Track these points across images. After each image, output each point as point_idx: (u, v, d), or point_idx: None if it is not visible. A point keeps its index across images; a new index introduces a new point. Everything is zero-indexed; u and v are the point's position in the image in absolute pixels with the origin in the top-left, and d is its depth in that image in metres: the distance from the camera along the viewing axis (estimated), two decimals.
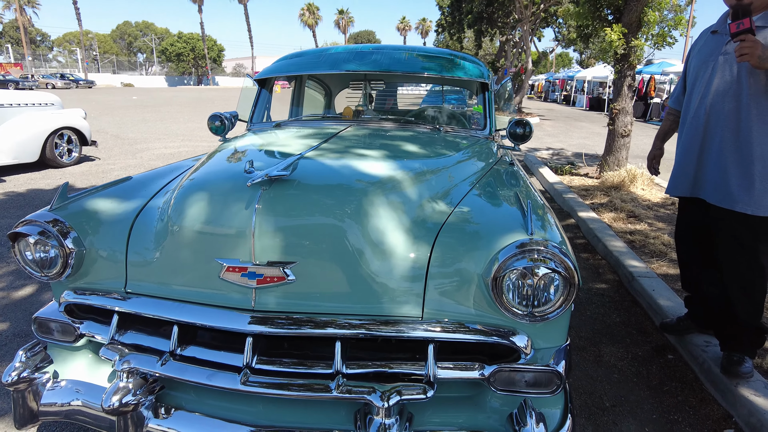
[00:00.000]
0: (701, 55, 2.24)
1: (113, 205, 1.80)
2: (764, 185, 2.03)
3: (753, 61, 1.88)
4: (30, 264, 1.69)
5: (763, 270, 2.12)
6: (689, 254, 2.50)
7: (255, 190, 1.50)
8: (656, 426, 2.08)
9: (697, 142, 2.22)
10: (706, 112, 2.17)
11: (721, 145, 2.12)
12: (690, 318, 2.60)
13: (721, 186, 2.13)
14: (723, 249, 2.21)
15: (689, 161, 2.28)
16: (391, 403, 1.36)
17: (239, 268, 1.47)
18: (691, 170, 2.28)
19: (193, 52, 65.24)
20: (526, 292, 1.42)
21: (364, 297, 1.50)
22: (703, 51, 2.24)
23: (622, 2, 6.37)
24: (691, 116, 2.26)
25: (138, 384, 1.52)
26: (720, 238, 2.21)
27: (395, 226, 1.55)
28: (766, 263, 2.10)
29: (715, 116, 2.14)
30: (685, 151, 2.30)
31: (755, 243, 2.10)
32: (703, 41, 2.28)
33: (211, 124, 3.08)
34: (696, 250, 2.44)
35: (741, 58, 1.91)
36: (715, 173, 2.16)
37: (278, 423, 1.52)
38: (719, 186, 2.14)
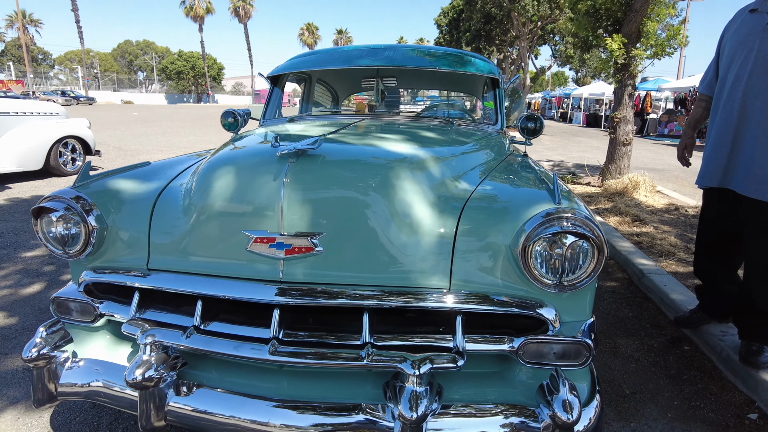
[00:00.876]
0: (738, 35, 2.14)
1: (134, 185, 1.81)
2: None
3: None
4: (51, 241, 1.69)
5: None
6: (707, 246, 2.45)
7: (283, 163, 1.51)
8: (678, 412, 2.06)
9: (731, 126, 2.12)
10: (742, 95, 2.07)
11: (757, 130, 2.02)
12: (702, 309, 2.59)
13: (754, 175, 2.03)
14: (754, 243, 2.12)
15: (721, 148, 2.18)
16: (423, 371, 1.34)
17: (268, 239, 1.47)
18: (723, 158, 2.18)
19: (193, 70, 65.96)
20: (555, 262, 1.42)
21: (391, 268, 1.49)
22: (741, 31, 2.13)
23: (621, 14, 6.50)
24: (725, 99, 2.16)
25: (161, 359, 1.50)
26: (752, 233, 2.12)
27: (421, 200, 1.56)
28: None
29: (753, 99, 2.03)
30: (718, 137, 2.20)
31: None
32: (740, 21, 2.17)
33: (224, 120, 3.10)
34: (715, 244, 2.40)
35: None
36: (749, 161, 2.06)
37: (303, 398, 1.50)
38: (752, 175, 2.04)
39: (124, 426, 1.91)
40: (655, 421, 1.98)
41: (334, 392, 1.53)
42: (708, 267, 2.49)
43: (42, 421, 1.95)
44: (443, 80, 3.18)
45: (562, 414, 1.31)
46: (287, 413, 1.42)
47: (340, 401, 1.48)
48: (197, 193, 1.62)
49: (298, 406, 1.44)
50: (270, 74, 3.22)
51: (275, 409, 1.44)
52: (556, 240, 1.41)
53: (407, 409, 1.29)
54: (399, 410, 1.30)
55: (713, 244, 2.43)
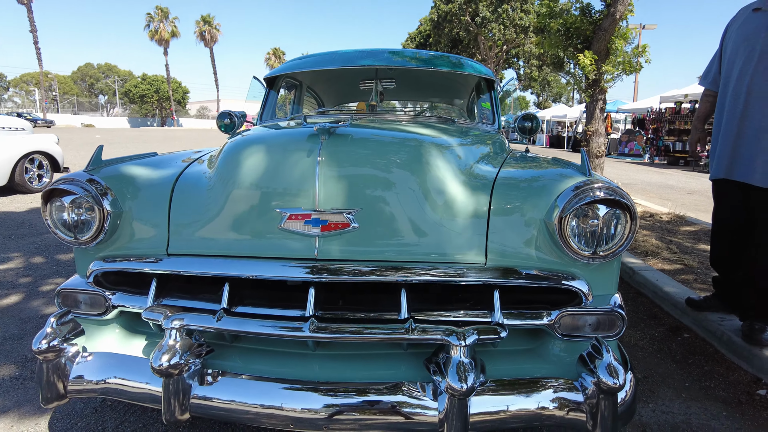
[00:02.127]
0: (742, 32, 2.23)
1: (148, 170, 1.75)
2: None
3: None
4: (60, 227, 1.59)
5: None
6: (723, 237, 2.51)
7: (315, 141, 1.50)
8: (691, 392, 2.10)
9: (735, 120, 2.23)
10: (747, 90, 2.18)
11: (762, 123, 2.13)
12: (716, 298, 2.64)
13: (760, 164, 2.14)
14: (762, 229, 2.20)
15: (727, 141, 2.28)
16: (469, 342, 1.32)
17: (303, 215, 1.44)
18: (728, 151, 2.28)
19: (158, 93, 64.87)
20: (590, 232, 1.45)
21: (427, 244, 1.48)
22: (745, 28, 2.23)
23: (590, 32, 6.85)
24: (730, 94, 2.27)
25: (186, 345, 1.42)
26: (761, 219, 2.21)
27: (452, 178, 1.57)
28: None
29: (757, 94, 2.14)
30: (725, 130, 2.30)
31: None
32: (743, 19, 2.27)
33: (220, 122, 3.05)
34: (730, 234, 2.46)
35: None
36: (754, 151, 2.16)
37: (338, 379, 1.45)
38: (758, 165, 2.14)
39: (132, 429, 1.79)
40: (671, 402, 2.01)
41: (368, 373, 1.49)
42: (723, 258, 2.54)
43: (39, 428, 1.80)
44: (441, 82, 3.24)
45: (607, 379, 1.30)
46: (324, 396, 1.37)
47: (378, 380, 1.43)
48: (224, 173, 1.57)
49: (336, 388, 1.39)
50: (267, 76, 3.20)
51: (310, 392, 1.38)
52: (591, 210, 1.44)
53: (456, 380, 1.26)
54: (447, 383, 1.27)
55: (727, 236, 2.49)
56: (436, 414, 1.33)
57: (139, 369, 1.51)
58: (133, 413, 1.88)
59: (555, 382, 1.42)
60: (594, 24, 6.75)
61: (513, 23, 21.26)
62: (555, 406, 1.38)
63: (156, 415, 1.87)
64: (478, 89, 3.17)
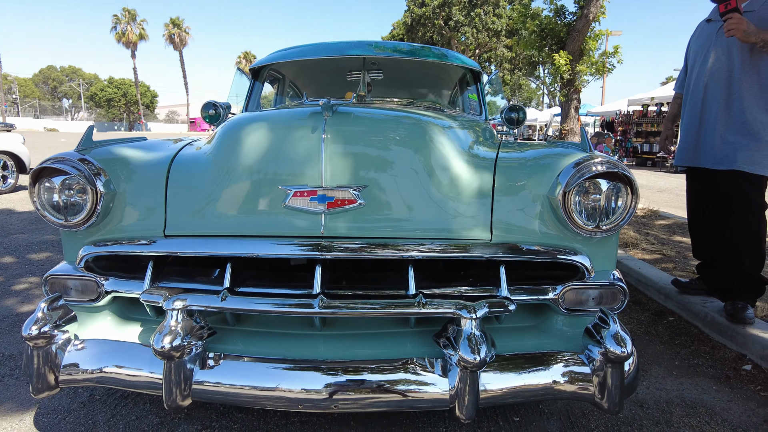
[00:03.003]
0: (699, 40, 2.54)
1: (141, 152, 1.69)
2: (760, 145, 2.26)
3: (739, 34, 2.17)
4: (50, 209, 1.52)
5: (766, 223, 2.32)
6: (698, 224, 2.65)
7: (318, 119, 1.48)
8: (681, 370, 2.15)
9: (696, 113, 2.48)
10: (704, 88, 2.44)
11: (717, 114, 2.37)
12: (703, 281, 2.73)
13: (720, 151, 2.35)
14: (735, 209, 2.36)
15: (690, 132, 2.51)
16: (480, 315, 1.32)
17: (309, 192, 1.42)
18: (691, 142, 2.51)
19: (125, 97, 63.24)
20: (593, 206, 1.47)
21: (433, 221, 1.48)
22: (701, 37, 2.54)
23: (564, 34, 7.03)
24: (691, 92, 2.53)
25: (187, 327, 1.38)
26: (732, 200, 2.36)
27: (456, 156, 1.57)
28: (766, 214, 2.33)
29: (712, 89, 2.40)
30: (687, 123, 2.54)
31: (762, 199, 2.32)
32: (700, 29, 2.58)
33: (204, 113, 2.98)
34: (703, 220, 2.60)
35: (729, 33, 2.21)
36: (714, 141, 2.38)
37: (345, 358, 1.42)
38: (718, 151, 2.36)
39: (125, 422, 1.72)
40: (663, 379, 2.06)
41: (375, 351, 1.47)
42: (702, 244, 2.67)
43: (24, 424, 1.71)
44: (428, 73, 3.26)
45: (615, 348, 1.32)
46: (333, 375, 1.34)
47: (385, 357, 1.41)
48: (224, 152, 1.54)
49: (343, 367, 1.36)
50: (252, 67, 3.16)
51: (318, 372, 1.35)
52: (593, 185, 1.46)
53: (468, 352, 1.26)
54: (460, 355, 1.27)
55: (702, 221, 2.63)
56: (447, 390, 1.32)
57: (137, 355, 1.45)
58: (125, 406, 1.81)
59: (561, 356, 1.43)
60: (568, 25, 6.94)
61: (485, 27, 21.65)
62: (563, 379, 1.39)
63: (150, 407, 1.80)
64: (465, 81, 3.20)
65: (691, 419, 1.77)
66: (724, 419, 1.78)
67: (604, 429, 1.70)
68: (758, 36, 2.16)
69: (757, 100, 2.28)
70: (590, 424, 1.73)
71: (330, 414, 1.75)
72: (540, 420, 1.75)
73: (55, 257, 3.84)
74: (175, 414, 1.75)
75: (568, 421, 1.75)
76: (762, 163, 2.26)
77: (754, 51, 2.26)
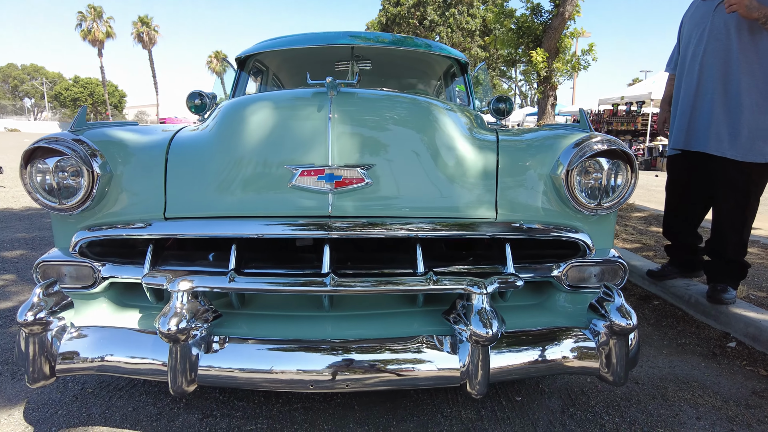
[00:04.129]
0: (694, 18, 2.48)
1: (136, 135, 1.64)
2: (752, 133, 2.25)
3: (741, 10, 2.13)
4: (41, 191, 1.46)
5: (753, 210, 2.37)
6: (675, 205, 2.73)
7: (324, 99, 1.46)
8: (671, 348, 2.22)
9: (691, 96, 2.44)
10: (699, 69, 2.39)
11: (713, 96, 2.33)
12: (672, 264, 2.85)
13: (713, 134, 2.33)
14: (720, 195, 2.40)
15: (684, 115, 2.48)
16: (490, 290, 1.33)
17: (316, 171, 1.40)
18: (684, 124, 2.48)
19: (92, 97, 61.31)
20: (594, 184, 1.50)
21: (440, 200, 1.49)
22: (696, 15, 2.47)
23: (540, 32, 7.16)
24: (686, 74, 2.49)
25: (193, 309, 1.34)
26: (718, 186, 2.40)
27: (460, 136, 1.58)
28: (754, 204, 2.36)
29: (708, 71, 2.35)
30: (682, 106, 2.50)
31: (748, 186, 2.32)
32: (695, 7, 2.52)
33: (190, 102, 2.92)
34: (682, 202, 2.68)
35: (730, 8, 2.17)
36: (707, 123, 2.36)
37: (354, 338, 1.41)
38: (711, 135, 2.34)
39: (122, 414, 1.66)
40: (655, 358, 2.12)
41: (383, 331, 1.47)
42: (675, 226, 2.77)
43: (13, 419, 1.63)
44: (417, 63, 3.27)
45: (620, 320, 1.35)
46: (343, 354, 1.33)
47: (394, 336, 1.41)
48: (227, 132, 1.51)
49: (353, 347, 1.35)
50: (239, 56, 3.11)
51: (328, 352, 1.34)
52: (595, 163, 1.50)
53: (480, 326, 1.27)
54: (471, 330, 1.28)
55: (678, 205, 2.72)
56: (458, 366, 1.33)
57: (139, 342, 1.41)
58: (120, 398, 1.75)
59: (567, 331, 1.46)
60: (544, 24, 7.07)
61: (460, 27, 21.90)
62: (571, 354, 1.41)
63: (146, 398, 1.75)
64: (453, 72, 3.23)
65: (685, 393, 1.83)
66: (716, 392, 1.84)
67: (603, 405, 1.74)
68: (761, 11, 2.10)
69: (755, 81, 2.24)
70: (590, 400, 1.77)
71: (333, 398, 1.74)
72: (541, 399, 1.78)
73: (29, 254, 3.69)
74: (181, 398, 1.71)
75: (569, 398, 1.78)
76: (753, 151, 2.25)
77: (754, 29, 2.20)
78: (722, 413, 1.70)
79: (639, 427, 1.62)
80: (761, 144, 2.26)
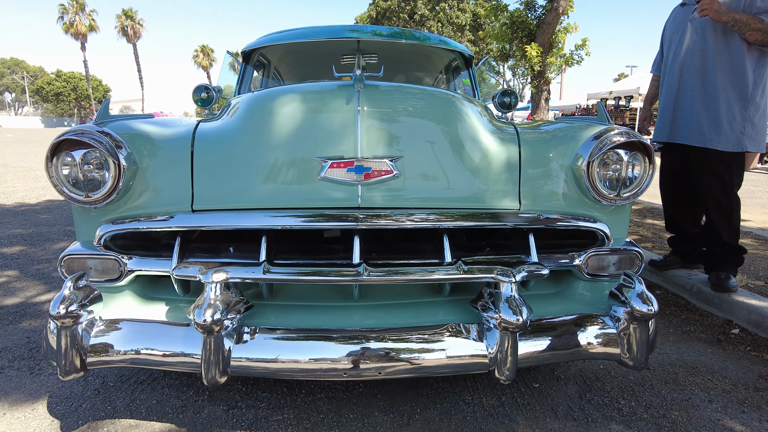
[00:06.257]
0: (674, 23, 2.69)
1: (157, 127, 1.64)
2: (731, 125, 2.43)
3: (711, 14, 2.32)
4: (67, 184, 1.46)
5: (737, 197, 2.53)
6: (671, 198, 2.84)
7: (352, 91, 1.48)
8: (676, 336, 2.29)
9: (673, 93, 2.62)
10: (679, 68, 2.58)
11: (693, 92, 2.52)
12: (675, 254, 2.93)
13: (695, 128, 2.51)
14: (706, 184, 2.55)
15: (667, 110, 2.66)
16: (519, 278, 1.36)
17: (345, 163, 1.42)
18: (668, 117, 2.65)
19: (75, 92, 60.17)
20: (614, 175, 1.55)
21: (465, 191, 1.52)
22: (675, 21, 2.68)
23: (534, 27, 7.22)
24: (668, 73, 2.67)
25: (226, 300, 1.36)
26: (702, 175, 2.56)
27: (483, 128, 1.61)
28: (737, 191, 2.52)
29: (687, 70, 2.54)
30: (664, 102, 2.68)
31: (730, 175, 2.49)
32: (675, 13, 2.73)
33: (196, 96, 2.90)
34: (676, 193, 2.80)
35: (702, 13, 2.35)
36: (689, 118, 2.54)
37: (384, 326, 1.44)
38: (693, 128, 2.52)
39: (147, 406, 1.67)
40: (662, 346, 2.18)
41: (411, 320, 1.49)
42: (674, 217, 2.87)
43: (37, 413, 1.63)
44: (422, 57, 3.29)
45: (641, 306, 1.40)
46: (376, 342, 1.36)
47: (423, 324, 1.44)
48: (254, 124, 1.52)
49: (385, 335, 1.38)
50: (244, 49, 3.09)
51: (360, 341, 1.36)
52: (614, 154, 1.53)
53: (511, 314, 1.30)
54: (501, 317, 1.31)
55: (674, 196, 2.84)
56: (486, 352, 1.36)
57: (170, 334, 1.42)
58: (143, 391, 1.76)
59: (589, 318, 1.50)
60: (538, 18, 7.13)
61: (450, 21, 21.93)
62: (595, 340, 1.45)
63: (169, 390, 1.76)
64: (458, 66, 3.25)
65: (695, 378, 1.89)
66: (724, 376, 1.90)
67: (618, 390, 1.79)
68: (729, 15, 2.30)
69: (729, 78, 2.42)
70: (605, 386, 1.82)
71: (356, 387, 1.77)
72: (558, 385, 1.82)
73: (29, 250, 3.64)
74: (212, 389, 1.73)
75: (585, 384, 1.83)
76: (731, 141, 2.43)
77: (726, 31, 2.40)
78: (732, 396, 1.76)
79: (655, 410, 1.67)
80: (738, 135, 2.43)
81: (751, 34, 2.32)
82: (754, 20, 2.28)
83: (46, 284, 2.92)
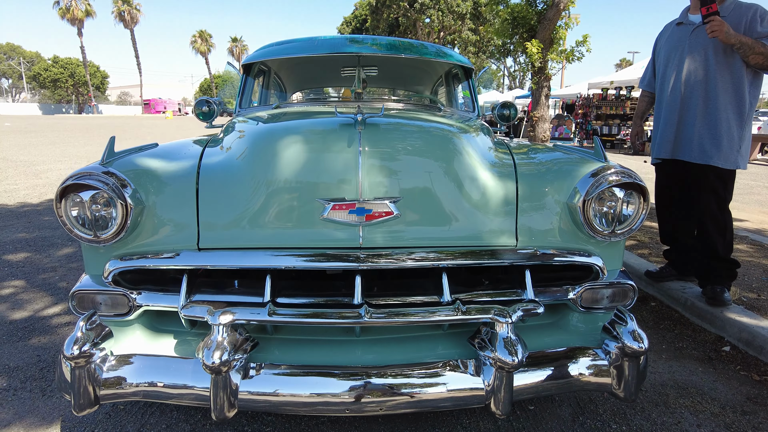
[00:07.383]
0: (671, 42, 2.71)
1: (162, 162, 1.67)
2: (730, 143, 2.51)
3: (721, 36, 2.35)
4: (77, 225, 1.50)
5: (729, 212, 2.61)
6: (667, 211, 2.90)
7: (352, 131, 1.51)
8: (669, 352, 2.35)
9: (676, 112, 2.66)
10: (682, 86, 2.62)
11: (695, 111, 2.58)
12: (671, 266, 2.99)
13: (697, 145, 2.58)
14: (703, 199, 2.62)
15: (669, 129, 2.70)
16: (515, 318, 1.41)
17: (347, 205, 1.46)
18: (671, 136, 2.70)
19: (73, 78, 59.67)
20: (609, 213, 1.59)
21: (464, 229, 1.56)
22: (672, 39, 2.71)
23: (535, 22, 7.17)
24: (668, 92, 2.71)
25: (233, 341, 1.41)
26: (700, 191, 2.63)
27: (480, 164, 1.64)
28: (728, 206, 2.61)
29: (690, 90, 2.59)
30: (666, 121, 2.72)
31: (725, 192, 2.58)
32: (670, 32, 2.76)
33: (198, 110, 2.95)
34: (673, 207, 2.86)
35: (712, 35, 2.38)
36: (693, 136, 2.60)
37: (383, 363, 1.49)
38: (696, 146, 2.59)
39: (157, 430, 1.74)
40: (655, 363, 2.25)
41: (411, 355, 1.54)
42: (670, 230, 2.94)
43: None
44: (421, 69, 3.30)
45: (633, 344, 1.45)
46: (377, 378, 1.41)
47: (422, 361, 1.49)
48: (258, 164, 1.55)
49: (386, 371, 1.43)
50: (245, 62, 3.11)
51: (361, 377, 1.42)
52: (609, 193, 1.57)
53: (506, 354, 1.35)
54: (497, 356, 1.36)
55: (670, 210, 2.89)
56: (483, 387, 1.42)
57: (180, 369, 1.47)
58: (152, 414, 1.82)
59: (582, 351, 1.56)
60: (539, 14, 7.08)
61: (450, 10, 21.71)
62: (586, 372, 1.51)
63: (178, 414, 1.82)
64: (457, 77, 3.26)
65: (685, 399, 1.95)
66: (713, 398, 1.97)
67: (611, 413, 1.86)
68: (737, 38, 2.36)
69: (730, 98, 2.49)
70: (598, 408, 1.88)
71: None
72: (553, 408, 1.89)
73: (34, 257, 3.70)
74: (221, 423, 1.78)
75: (578, 407, 1.89)
76: (730, 159, 2.51)
77: (728, 52, 2.46)
78: (720, 420, 1.83)
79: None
80: (735, 153, 2.52)
81: (753, 58, 2.38)
82: (758, 44, 2.35)
83: (52, 295, 2.98)
